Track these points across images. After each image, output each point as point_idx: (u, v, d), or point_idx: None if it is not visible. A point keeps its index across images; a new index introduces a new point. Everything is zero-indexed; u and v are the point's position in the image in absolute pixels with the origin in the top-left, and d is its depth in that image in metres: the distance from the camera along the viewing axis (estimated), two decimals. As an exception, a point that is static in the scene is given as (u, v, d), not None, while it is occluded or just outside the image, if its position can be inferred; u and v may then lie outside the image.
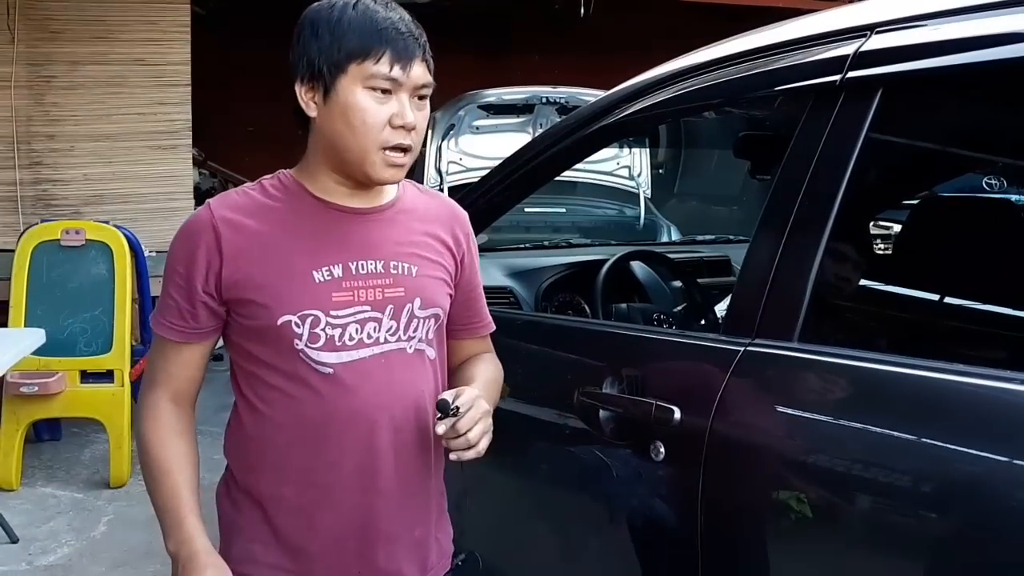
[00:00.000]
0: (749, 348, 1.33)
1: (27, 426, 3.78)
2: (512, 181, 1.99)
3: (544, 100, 4.89)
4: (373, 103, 1.20)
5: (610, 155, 4.96)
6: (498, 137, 4.89)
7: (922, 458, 1.12)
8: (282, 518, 1.28)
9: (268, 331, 1.22)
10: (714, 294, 2.48)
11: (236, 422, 1.30)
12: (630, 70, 1.89)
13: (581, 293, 2.44)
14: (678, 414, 1.37)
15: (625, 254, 2.47)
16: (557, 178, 2.36)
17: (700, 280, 2.56)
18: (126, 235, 3.98)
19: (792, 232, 1.33)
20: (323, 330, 1.23)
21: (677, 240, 4.34)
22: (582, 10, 7.57)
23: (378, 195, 1.31)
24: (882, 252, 2.84)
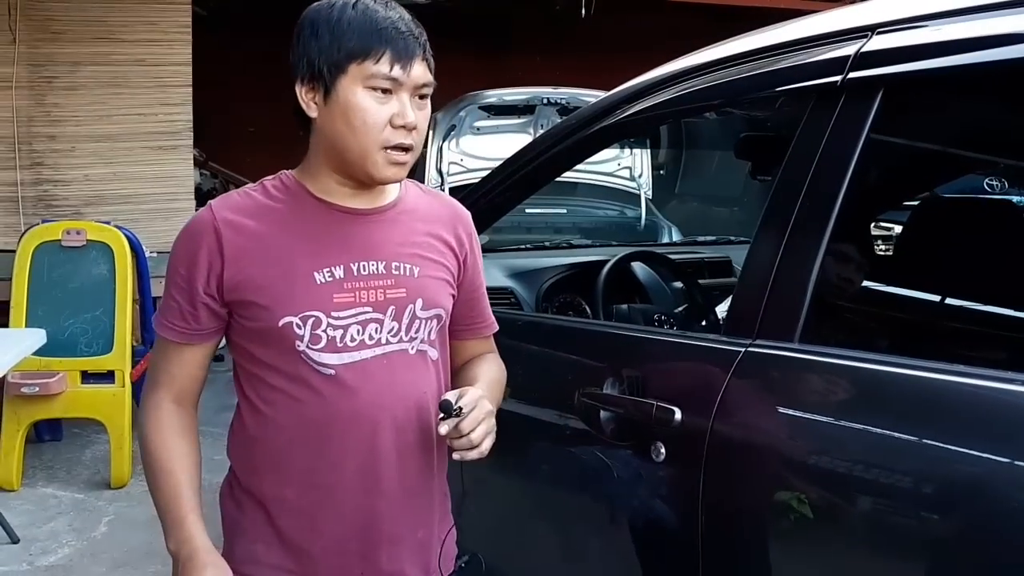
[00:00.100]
0: (750, 349, 1.33)
1: (28, 426, 3.79)
2: (513, 182, 1.99)
3: (545, 101, 4.89)
4: (373, 103, 1.19)
5: (611, 156, 4.96)
6: (499, 138, 4.89)
7: (923, 459, 1.12)
8: (285, 519, 1.28)
9: (269, 332, 1.22)
10: (715, 295, 2.48)
11: (238, 423, 1.31)
12: (631, 71, 1.89)
13: (582, 294, 2.44)
14: (679, 415, 1.37)
15: (626, 255, 2.47)
16: (558, 179, 2.36)
17: (701, 281, 2.55)
18: (127, 236, 3.98)
19: (793, 233, 1.33)
20: (324, 331, 1.22)
21: (678, 241, 4.35)
22: (583, 11, 7.57)
23: (380, 195, 1.30)
24: (883, 253, 2.84)
